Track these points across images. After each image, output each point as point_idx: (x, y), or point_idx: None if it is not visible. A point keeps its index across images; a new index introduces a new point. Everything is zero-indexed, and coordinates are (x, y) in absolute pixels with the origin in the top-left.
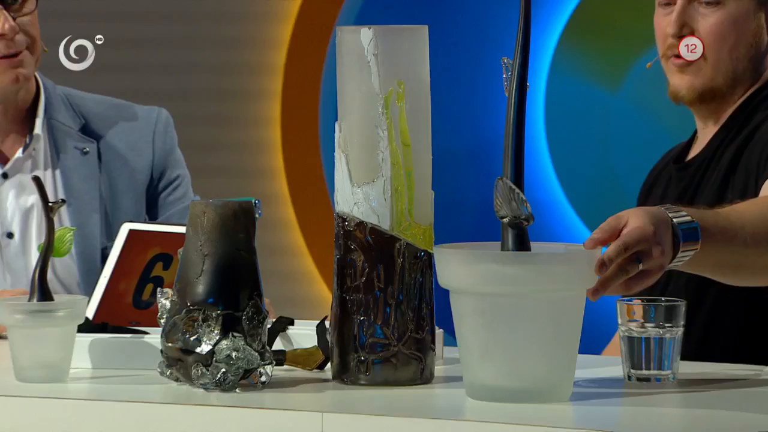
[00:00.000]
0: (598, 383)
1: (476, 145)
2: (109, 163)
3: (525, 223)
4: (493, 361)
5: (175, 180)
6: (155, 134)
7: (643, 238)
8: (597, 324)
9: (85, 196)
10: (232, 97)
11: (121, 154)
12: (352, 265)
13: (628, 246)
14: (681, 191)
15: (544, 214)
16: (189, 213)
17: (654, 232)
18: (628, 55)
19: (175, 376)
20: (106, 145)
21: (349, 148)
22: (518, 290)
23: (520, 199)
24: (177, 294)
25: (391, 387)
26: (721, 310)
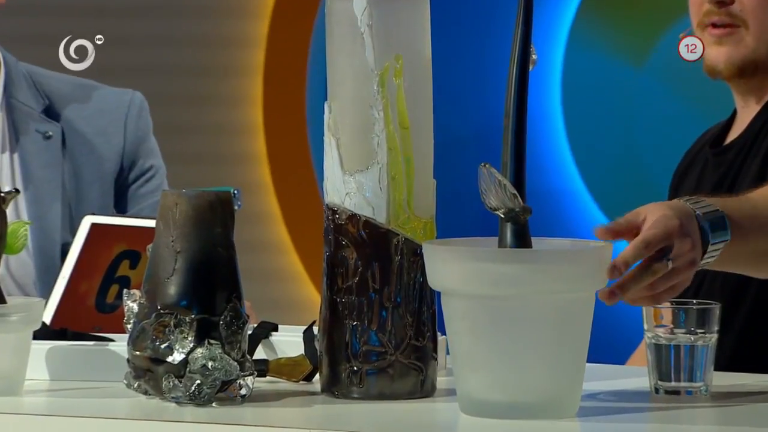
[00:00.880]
0: (620, 396)
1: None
2: (74, 149)
3: (522, 217)
4: (489, 372)
5: (148, 171)
6: (127, 119)
7: (668, 233)
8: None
9: (46, 185)
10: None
11: (87, 140)
12: (344, 264)
13: (649, 243)
14: (718, 179)
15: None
16: (159, 204)
17: (679, 225)
18: (655, 25)
19: (144, 388)
20: (71, 129)
21: (340, 132)
22: (518, 292)
23: (508, 192)
24: (146, 296)
25: (388, 401)
26: (761, 315)
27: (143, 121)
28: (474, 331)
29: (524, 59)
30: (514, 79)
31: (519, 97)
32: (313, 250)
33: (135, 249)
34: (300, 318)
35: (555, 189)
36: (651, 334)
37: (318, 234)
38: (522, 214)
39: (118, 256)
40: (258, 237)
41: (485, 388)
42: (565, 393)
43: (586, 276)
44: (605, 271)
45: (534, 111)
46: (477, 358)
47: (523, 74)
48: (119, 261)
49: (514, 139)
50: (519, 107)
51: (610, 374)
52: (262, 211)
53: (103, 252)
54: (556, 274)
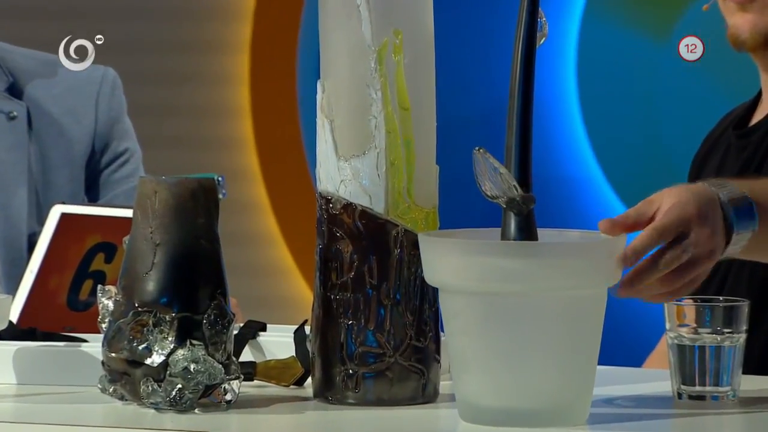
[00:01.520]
0: (638, 402)
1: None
2: (40, 131)
3: (524, 207)
4: (492, 375)
5: (122, 154)
6: (99, 97)
7: (683, 219)
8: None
9: (10, 170)
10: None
11: (55, 120)
12: (338, 257)
13: (663, 231)
14: (743, 163)
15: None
16: (136, 192)
17: (698, 211)
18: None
19: (120, 393)
20: (37, 109)
21: (335, 113)
22: (520, 288)
23: (506, 180)
24: (122, 292)
25: (386, 407)
26: None
27: (116, 100)
28: (472, 330)
29: (531, 33)
30: (519, 55)
31: (525, 76)
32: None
33: (110, 241)
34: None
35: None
36: (673, 333)
37: (310, 225)
38: (524, 203)
39: (92, 248)
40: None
41: (485, 394)
42: (573, 398)
43: (597, 271)
44: (618, 265)
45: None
46: (475, 361)
47: (530, 50)
48: (93, 254)
49: (520, 121)
50: (525, 87)
51: (626, 378)
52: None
53: (74, 244)
54: (562, 268)
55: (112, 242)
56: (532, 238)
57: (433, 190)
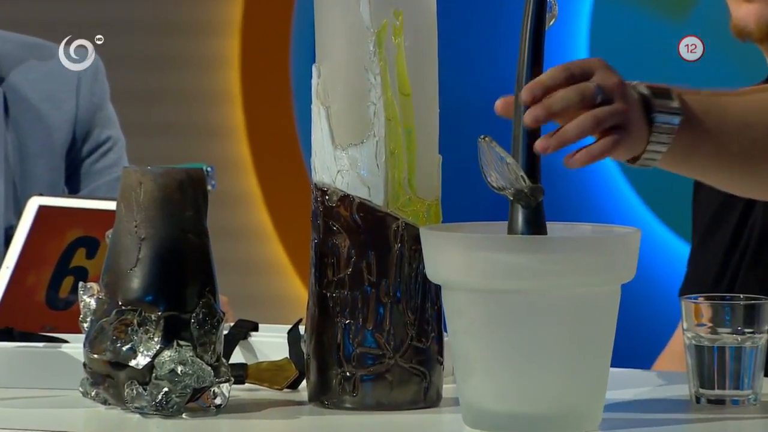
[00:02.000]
0: (653, 406)
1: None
2: (17, 118)
3: (532, 199)
4: (497, 378)
5: (105, 143)
6: (80, 82)
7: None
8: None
9: None
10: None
11: (34, 106)
12: (335, 253)
13: (570, 68)
14: None
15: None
16: (120, 183)
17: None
18: None
19: (103, 397)
20: (14, 94)
21: (331, 99)
22: (530, 285)
23: (512, 170)
24: (105, 290)
25: (386, 412)
26: None
27: (99, 85)
28: (477, 330)
29: (540, 14)
30: (527, 37)
31: (533, 60)
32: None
33: (92, 235)
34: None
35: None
36: (691, 333)
37: (305, 218)
38: (532, 195)
39: (72, 243)
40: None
41: (491, 397)
42: (585, 403)
43: (610, 267)
44: (633, 260)
45: None
46: (480, 362)
47: (538, 32)
48: (73, 249)
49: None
50: (533, 71)
51: (639, 380)
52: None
53: (54, 239)
54: (573, 264)
55: (94, 237)
56: (541, 232)
57: (436, 181)
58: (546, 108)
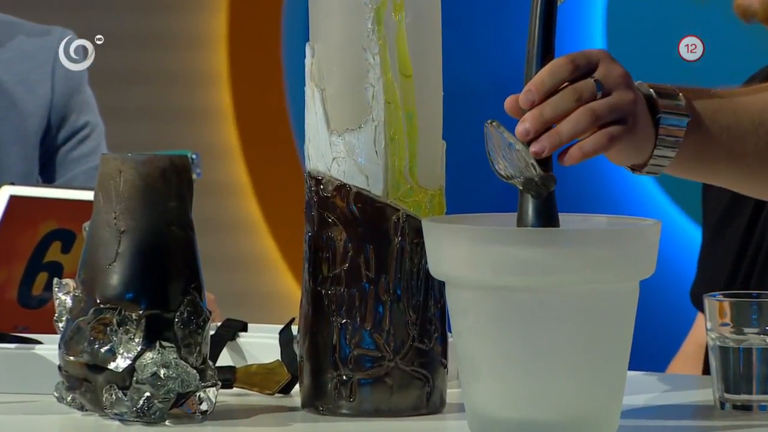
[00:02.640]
0: (674, 412)
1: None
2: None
3: (543, 189)
4: (506, 382)
5: (82, 129)
6: (56, 64)
7: (596, 55)
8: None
9: None
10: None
11: (5, 90)
12: (330, 247)
13: (575, 60)
14: None
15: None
16: (98, 172)
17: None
18: None
19: (80, 403)
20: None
21: (326, 81)
22: (542, 282)
23: (522, 157)
24: (82, 287)
25: (385, 418)
26: None
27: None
28: (483, 330)
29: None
30: (537, 15)
31: (545, 38)
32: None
33: (67, 228)
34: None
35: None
36: (715, 334)
37: (297, 210)
38: (543, 184)
39: (47, 236)
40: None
41: (499, 403)
42: (600, 408)
43: (628, 262)
44: (652, 254)
45: None
46: (487, 365)
47: (550, 8)
48: (48, 243)
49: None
50: (544, 51)
51: (656, 384)
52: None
53: (26, 231)
54: (588, 259)
55: (70, 229)
56: (553, 224)
57: (439, 169)
58: (536, 119)
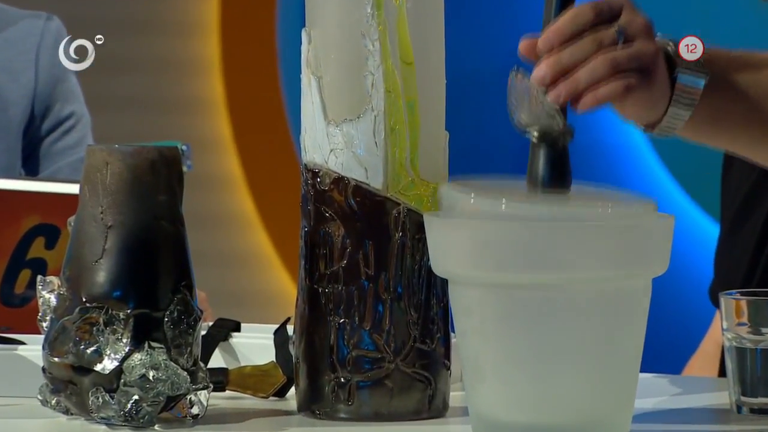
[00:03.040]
0: (688, 416)
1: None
2: None
3: (561, 141)
4: (512, 385)
5: (67, 119)
6: (40, 51)
7: (619, 3)
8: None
9: None
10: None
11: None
12: (328, 242)
13: (598, 6)
14: None
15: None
16: (84, 164)
17: (636, 8)
18: None
19: (65, 406)
20: None
21: (323, 68)
22: (549, 279)
23: (546, 106)
24: (67, 285)
25: (385, 423)
26: None
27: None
28: (488, 330)
29: None
30: None
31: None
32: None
33: (52, 223)
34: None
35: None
36: (731, 334)
37: (293, 204)
38: (562, 135)
39: (30, 232)
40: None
41: (505, 406)
42: (611, 412)
43: (643, 257)
44: (665, 250)
45: None
46: (492, 367)
47: None
48: (31, 239)
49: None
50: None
51: (670, 387)
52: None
53: (8, 227)
54: (597, 255)
55: (54, 224)
56: (565, 180)
57: (442, 162)
58: (553, 65)
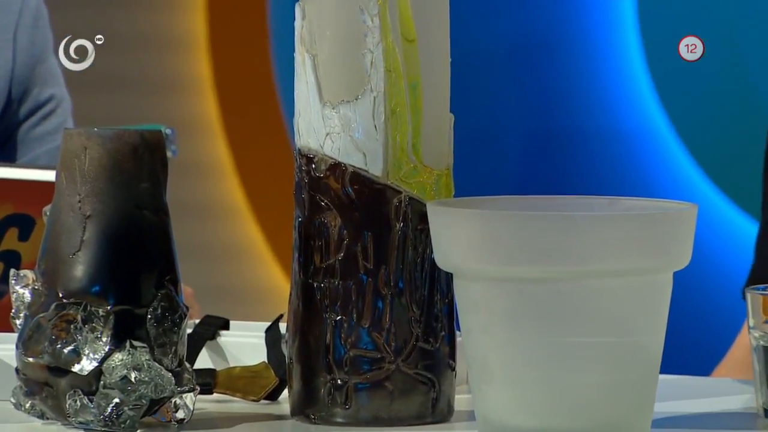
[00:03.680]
0: (711, 421)
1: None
2: None
3: None
4: (522, 386)
5: (47, 103)
6: (18, 30)
7: None
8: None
9: None
10: None
11: None
12: (323, 234)
13: None
14: None
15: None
16: (61, 149)
17: None
18: None
19: (40, 410)
20: None
21: (318, 46)
22: (562, 273)
23: None
24: (42, 279)
25: (386, 428)
26: None
27: (40, 34)
28: (497, 328)
29: None
30: None
31: None
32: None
33: (26, 213)
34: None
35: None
36: (758, 333)
37: (286, 192)
38: None
39: (2, 222)
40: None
41: (514, 410)
42: (628, 416)
43: (662, 250)
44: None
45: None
46: (500, 367)
47: None
48: (3, 229)
49: None
50: None
51: (694, 390)
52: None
53: None
54: (613, 247)
55: (28, 214)
56: None
57: (446, 147)
58: None
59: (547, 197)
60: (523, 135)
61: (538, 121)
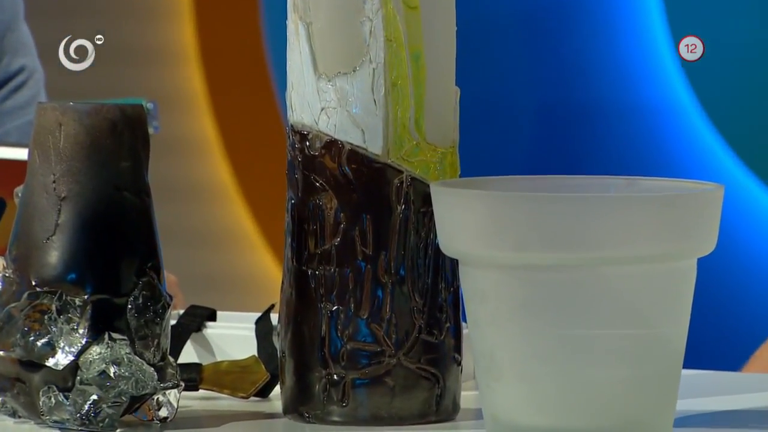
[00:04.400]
0: (740, 419)
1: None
2: None
3: None
4: (533, 382)
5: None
6: None
7: None
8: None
9: None
10: None
11: None
12: (318, 217)
13: None
14: None
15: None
16: (34, 125)
17: None
18: None
19: (11, 407)
20: None
21: (313, 13)
22: (577, 260)
23: None
24: (13, 266)
25: (386, 427)
26: None
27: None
28: (505, 320)
29: None
30: None
31: None
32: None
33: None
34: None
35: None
36: None
37: (278, 171)
38: None
39: None
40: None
41: (524, 408)
42: (648, 414)
43: (685, 235)
44: (713, 226)
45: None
46: (510, 362)
47: None
48: None
49: None
50: None
51: (722, 386)
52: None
53: None
54: (633, 231)
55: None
56: None
57: (452, 122)
58: None
59: (561, 177)
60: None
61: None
